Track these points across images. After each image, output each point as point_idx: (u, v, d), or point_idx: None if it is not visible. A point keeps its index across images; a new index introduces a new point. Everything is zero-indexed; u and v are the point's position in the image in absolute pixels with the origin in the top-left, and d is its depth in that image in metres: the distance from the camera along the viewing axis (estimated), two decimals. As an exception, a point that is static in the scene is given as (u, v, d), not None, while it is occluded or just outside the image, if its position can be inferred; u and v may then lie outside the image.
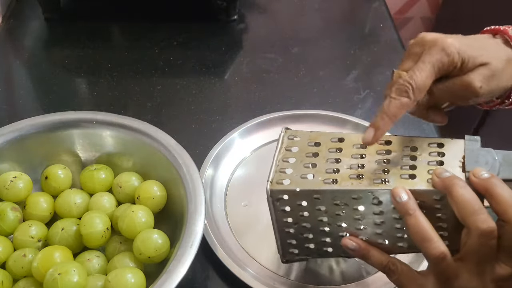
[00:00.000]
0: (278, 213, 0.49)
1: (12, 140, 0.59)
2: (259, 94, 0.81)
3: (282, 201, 0.48)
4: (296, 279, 0.57)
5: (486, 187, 0.41)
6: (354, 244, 0.47)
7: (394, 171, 0.46)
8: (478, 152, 0.44)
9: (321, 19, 0.98)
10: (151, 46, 0.88)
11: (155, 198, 0.58)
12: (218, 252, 0.57)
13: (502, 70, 0.46)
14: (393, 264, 0.45)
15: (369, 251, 0.47)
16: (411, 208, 0.42)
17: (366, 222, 0.47)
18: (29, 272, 0.52)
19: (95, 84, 0.81)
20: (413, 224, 0.42)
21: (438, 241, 0.41)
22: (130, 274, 0.50)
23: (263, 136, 0.72)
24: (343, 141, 0.49)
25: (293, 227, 0.50)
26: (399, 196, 0.43)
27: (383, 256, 0.46)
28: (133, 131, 0.61)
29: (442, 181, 0.42)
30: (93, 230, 0.54)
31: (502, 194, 0.40)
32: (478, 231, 0.39)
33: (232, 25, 0.94)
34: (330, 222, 0.49)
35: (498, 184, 0.41)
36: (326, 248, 0.52)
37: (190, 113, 0.77)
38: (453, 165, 0.44)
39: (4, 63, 0.86)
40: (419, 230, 0.42)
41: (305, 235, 0.51)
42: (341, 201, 0.46)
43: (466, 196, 0.41)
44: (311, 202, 0.47)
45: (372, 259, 0.47)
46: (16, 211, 0.56)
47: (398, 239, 0.48)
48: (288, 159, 0.49)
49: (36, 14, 0.93)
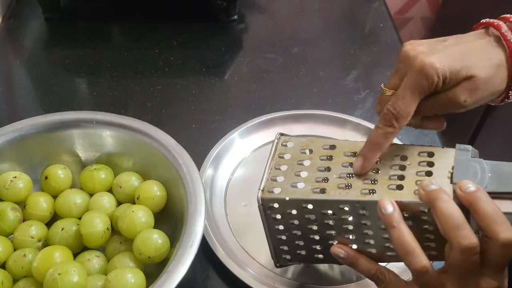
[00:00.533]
0: (270, 221, 0.50)
1: (12, 140, 0.59)
2: (259, 94, 0.81)
3: (273, 209, 0.49)
4: (296, 279, 0.57)
5: (470, 201, 0.40)
6: (343, 252, 0.48)
7: (382, 182, 0.46)
8: (468, 163, 0.44)
9: (321, 19, 0.98)
10: (151, 46, 0.88)
11: (155, 198, 0.58)
12: (218, 252, 0.57)
13: (489, 79, 0.45)
14: (381, 273, 0.46)
15: (357, 259, 0.47)
16: (396, 220, 0.42)
17: (354, 231, 0.47)
18: (29, 272, 0.52)
19: (95, 84, 0.81)
20: (396, 236, 0.42)
21: (421, 254, 0.41)
22: (130, 274, 0.50)
23: (263, 136, 0.72)
24: (334, 148, 0.49)
25: (284, 234, 0.51)
26: (384, 208, 0.43)
27: (372, 264, 0.47)
28: (133, 131, 0.61)
29: (427, 194, 0.42)
30: (93, 230, 0.54)
31: (486, 209, 0.39)
32: (459, 247, 0.39)
33: (232, 25, 0.94)
34: (319, 230, 0.49)
35: (483, 198, 0.40)
36: (317, 255, 0.52)
37: (190, 113, 0.77)
38: (442, 175, 0.44)
39: (4, 63, 0.86)
40: (402, 242, 0.42)
41: (296, 242, 0.51)
42: (330, 210, 0.47)
43: (449, 210, 0.40)
44: (300, 211, 0.48)
45: (361, 267, 0.47)
46: (16, 211, 0.56)
47: (387, 248, 0.48)
48: (280, 167, 0.50)
49: (36, 14, 0.93)
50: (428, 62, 0.43)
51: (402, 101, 0.44)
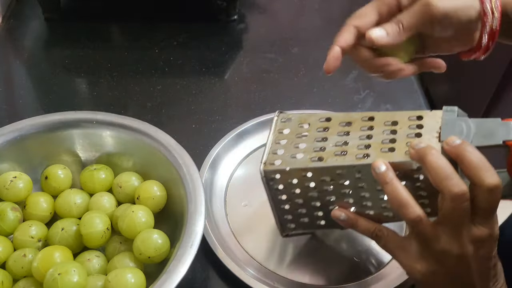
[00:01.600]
0: (273, 192, 0.52)
1: (12, 140, 0.59)
2: (259, 94, 0.81)
3: (275, 180, 0.51)
4: (296, 279, 0.57)
5: (457, 153, 0.43)
6: (343, 214, 0.50)
7: (375, 146, 0.48)
8: (454, 122, 0.46)
9: (321, 19, 0.98)
10: (151, 46, 0.88)
11: (155, 198, 0.58)
12: (218, 252, 0.57)
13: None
14: (380, 230, 0.48)
15: (357, 220, 0.50)
16: (389, 177, 0.45)
17: (352, 195, 0.50)
18: (29, 272, 0.52)
19: (95, 84, 0.81)
20: (390, 191, 0.44)
21: (415, 206, 0.43)
22: (130, 274, 0.50)
23: (263, 136, 0.72)
24: (330, 120, 0.52)
25: (287, 203, 0.53)
26: (378, 167, 0.45)
27: (370, 224, 0.49)
28: (133, 131, 0.61)
29: (416, 152, 0.44)
30: (93, 230, 0.54)
31: (472, 158, 0.42)
32: (450, 195, 0.41)
33: (232, 25, 0.94)
34: (320, 197, 0.52)
35: (468, 149, 0.42)
36: (319, 221, 0.54)
37: (190, 113, 0.77)
38: (430, 136, 0.46)
39: (4, 63, 0.86)
40: (396, 196, 0.44)
41: (299, 210, 0.54)
42: (328, 177, 0.49)
43: (439, 162, 0.42)
44: (301, 180, 0.51)
45: (361, 227, 0.50)
46: (16, 211, 0.57)
47: (383, 209, 0.50)
48: (280, 141, 0.53)
49: (36, 14, 0.93)
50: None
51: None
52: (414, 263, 0.45)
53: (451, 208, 0.42)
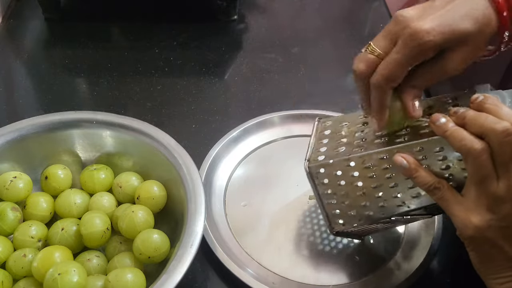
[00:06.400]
0: (319, 187, 0.53)
1: (12, 140, 0.59)
2: (259, 94, 0.81)
3: (320, 175, 0.52)
4: (296, 279, 0.57)
5: (478, 108, 0.44)
6: (404, 162, 0.48)
7: (414, 131, 0.50)
8: (488, 94, 0.47)
9: (321, 19, 0.98)
10: (151, 46, 0.88)
11: (155, 198, 0.58)
12: (218, 252, 0.57)
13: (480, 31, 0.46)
14: (439, 182, 0.47)
15: (417, 169, 0.48)
16: (450, 125, 0.44)
17: (395, 178, 0.51)
18: (29, 272, 0.52)
19: (95, 84, 0.81)
20: (455, 136, 0.44)
21: (479, 141, 0.43)
22: (130, 274, 0.50)
23: (263, 136, 0.72)
24: (367, 118, 0.54)
25: (333, 197, 0.54)
26: (438, 120, 0.45)
27: (431, 176, 0.48)
28: (133, 131, 0.61)
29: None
30: (93, 230, 0.54)
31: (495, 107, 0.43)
32: (496, 133, 0.41)
33: (232, 25, 0.94)
34: (364, 186, 0.52)
35: (489, 101, 0.43)
36: (367, 212, 0.54)
37: (190, 113, 0.77)
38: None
39: (4, 63, 0.86)
40: (458, 135, 0.44)
41: (346, 202, 0.54)
42: (370, 163, 0.50)
43: (473, 113, 0.43)
44: (345, 171, 0.52)
45: (420, 178, 0.48)
46: (16, 211, 0.57)
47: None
48: (322, 140, 0.55)
49: (36, 14, 0.93)
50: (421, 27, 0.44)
51: (395, 65, 0.46)
52: (469, 216, 0.44)
53: (499, 143, 0.41)
